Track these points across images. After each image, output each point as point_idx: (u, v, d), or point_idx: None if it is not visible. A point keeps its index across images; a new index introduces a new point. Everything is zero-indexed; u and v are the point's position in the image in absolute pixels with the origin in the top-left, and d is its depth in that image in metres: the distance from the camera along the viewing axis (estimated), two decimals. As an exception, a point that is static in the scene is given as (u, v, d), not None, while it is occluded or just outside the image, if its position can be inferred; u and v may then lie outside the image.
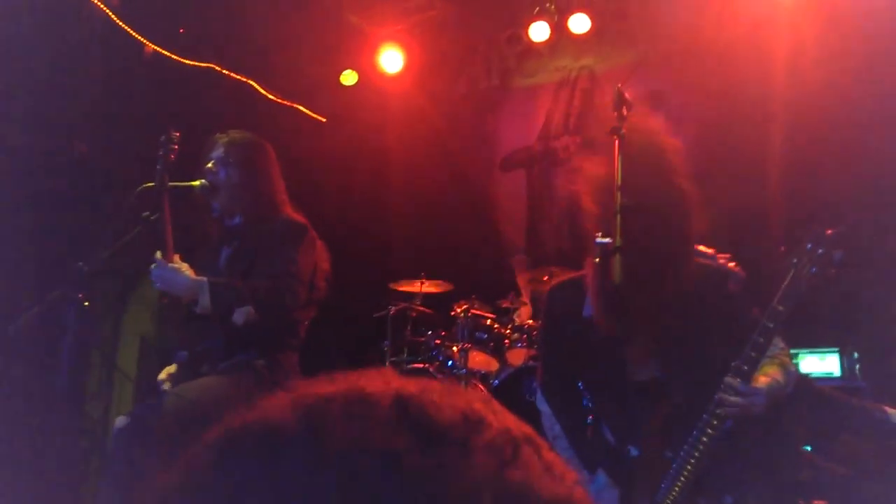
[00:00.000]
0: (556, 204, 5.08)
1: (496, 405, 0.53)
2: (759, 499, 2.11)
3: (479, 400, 0.52)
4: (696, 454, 1.95)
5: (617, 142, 2.31)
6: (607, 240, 2.19)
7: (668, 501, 1.97)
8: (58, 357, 3.48)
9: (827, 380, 3.31)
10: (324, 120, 5.47)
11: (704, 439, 1.93)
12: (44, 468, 3.44)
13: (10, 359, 3.53)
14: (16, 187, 3.82)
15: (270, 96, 5.26)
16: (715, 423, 1.93)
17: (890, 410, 2.43)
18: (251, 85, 5.20)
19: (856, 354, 3.23)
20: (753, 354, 1.90)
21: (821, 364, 3.40)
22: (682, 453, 1.97)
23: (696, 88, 4.67)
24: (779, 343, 2.06)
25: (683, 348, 2.05)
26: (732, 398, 1.89)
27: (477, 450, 0.48)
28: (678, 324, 2.05)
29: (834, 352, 3.29)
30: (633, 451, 2.10)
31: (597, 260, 2.18)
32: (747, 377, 1.91)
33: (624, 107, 2.38)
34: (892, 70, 3.83)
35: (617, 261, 2.11)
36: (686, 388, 2.04)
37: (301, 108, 5.47)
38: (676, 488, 1.97)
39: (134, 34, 4.47)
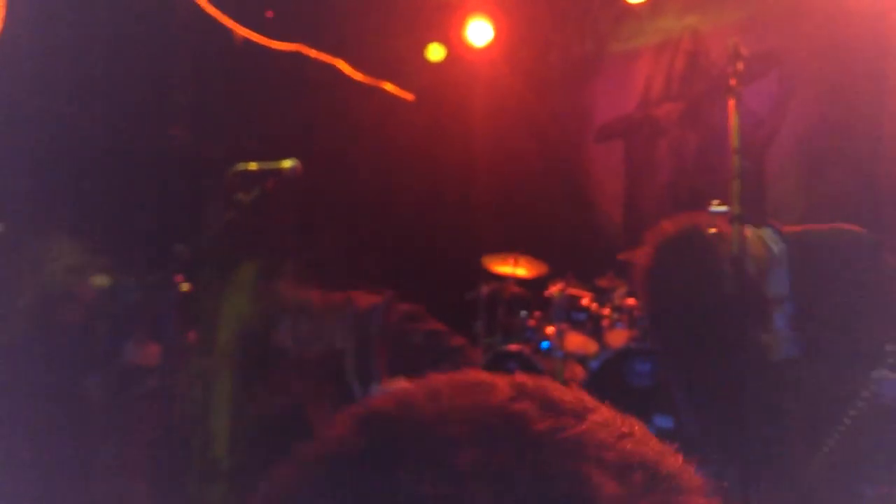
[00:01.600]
0: (658, 175, 4.82)
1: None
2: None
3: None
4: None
5: (732, 101, 2.17)
6: (724, 208, 2.07)
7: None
8: (158, 340, 3.57)
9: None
10: (411, 98, 5.38)
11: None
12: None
13: (117, 338, 3.64)
14: (114, 174, 3.92)
15: (358, 76, 5.21)
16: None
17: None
18: (338, 66, 5.16)
19: None
20: None
21: None
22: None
23: (808, 47, 4.31)
24: None
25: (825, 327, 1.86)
26: None
27: (592, 423, 0.49)
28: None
29: None
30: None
31: (712, 231, 2.03)
32: None
33: (739, 62, 2.22)
34: None
35: (736, 230, 1.95)
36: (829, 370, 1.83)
37: (388, 86, 5.39)
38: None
39: (222, 19, 4.50)
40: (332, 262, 4.62)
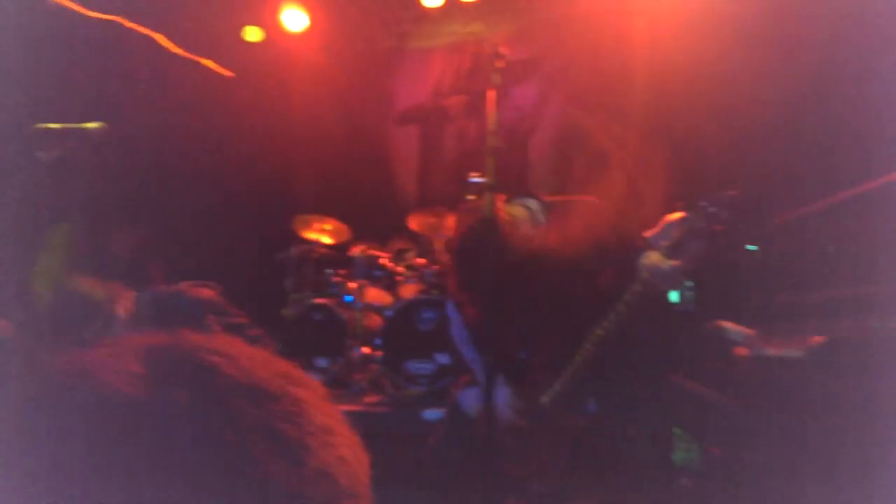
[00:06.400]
0: (446, 155, 5.07)
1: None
2: (620, 412, 2.21)
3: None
4: (576, 365, 2.05)
5: (491, 91, 2.34)
6: (481, 179, 2.21)
7: (549, 398, 2.12)
8: None
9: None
10: (231, 75, 5.17)
11: (584, 352, 2.07)
12: None
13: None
14: None
15: (177, 50, 4.91)
16: (597, 338, 2.03)
17: (725, 325, 2.54)
18: (157, 39, 4.83)
19: (690, 283, 3.40)
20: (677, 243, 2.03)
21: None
22: (566, 363, 2.06)
23: (569, 57, 4.71)
24: None
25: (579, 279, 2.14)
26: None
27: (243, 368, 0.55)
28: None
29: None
30: (524, 355, 2.19)
31: (470, 197, 2.20)
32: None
33: (499, 60, 2.39)
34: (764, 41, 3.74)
35: (488, 197, 2.14)
36: (576, 313, 2.14)
37: (207, 62, 5.14)
38: (559, 388, 2.11)
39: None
40: (142, 231, 4.36)
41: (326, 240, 4.57)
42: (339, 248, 4.52)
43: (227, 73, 5.18)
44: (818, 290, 2.57)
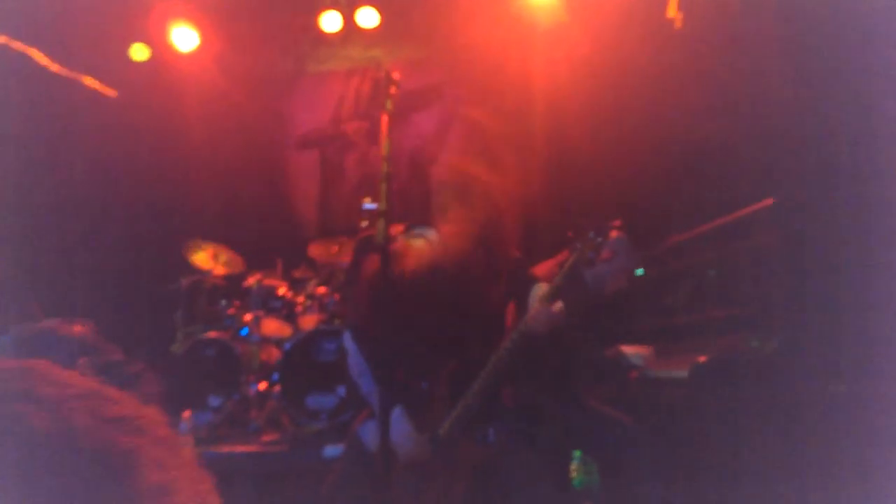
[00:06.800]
0: (347, 181, 4.98)
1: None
2: (518, 440, 2.18)
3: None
4: (473, 394, 2.04)
5: (385, 116, 2.30)
6: (374, 205, 2.18)
7: (447, 429, 2.06)
8: None
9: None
10: (115, 94, 4.87)
11: (481, 381, 2.04)
12: None
13: None
14: None
15: (54, 67, 4.57)
16: (494, 367, 2.01)
17: (625, 349, 2.58)
18: (32, 55, 4.48)
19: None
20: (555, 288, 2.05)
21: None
22: (463, 392, 2.05)
23: (470, 85, 4.75)
24: None
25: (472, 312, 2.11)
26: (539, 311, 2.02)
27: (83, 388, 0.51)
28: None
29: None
30: (423, 385, 2.15)
31: (364, 223, 2.16)
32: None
33: (392, 86, 2.37)
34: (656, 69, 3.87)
35: (381, 224, 2.09)
36: (475, 342, 2.13)
37: (88, 80, 4.82)
38: (455, 418, 2.06)
39: None
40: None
41: (220, 269, 4.34)
42: (234, 279, 4.30)
43: (110, 92, 4.88)
44: (702, 311, 2.67)
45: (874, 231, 2.06)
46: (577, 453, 2.86)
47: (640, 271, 3.17)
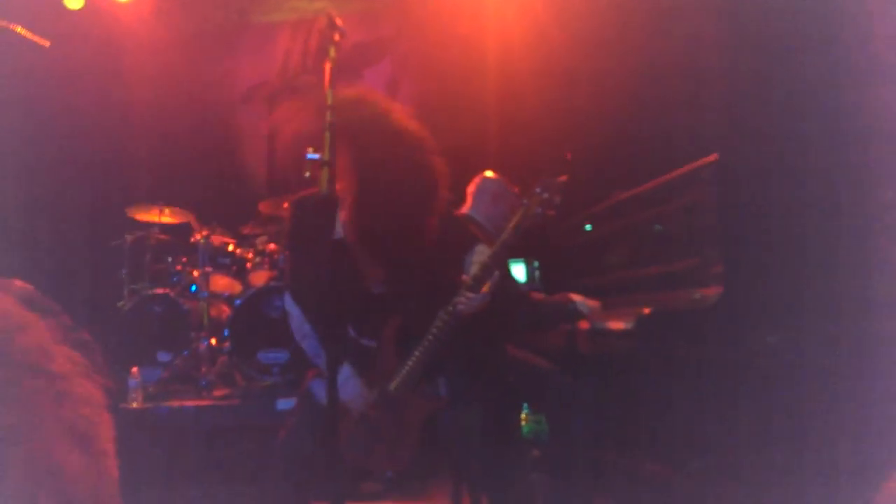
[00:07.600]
0: (297, 137, 4.83)
1: None
2: (469, 387, 2.20)
3: None
4: (422, 348, 2.04)
5: (328, 64, 2.19)
6: (317, 155, 2.10)
7: (397, 385, 2.06)
8: None
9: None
10: (47, 44, 4.57)
11: (430, 337, 2.03)
12: None
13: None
14: None
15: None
16: (441, 323, 2.02)
17: (574, 297, 2.60)
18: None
19: (536, 264, 3.51)
20: (481, 273, 2.02)
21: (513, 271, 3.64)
22: (412, 348, 2.05)
23: (420, 37, 4.64)
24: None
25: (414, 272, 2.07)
26: (467, 298, 2.01)
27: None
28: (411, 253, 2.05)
29: (520, 262, 3.54)
30: (369, 343, 2.14)
31: (307, 175, 2.09)
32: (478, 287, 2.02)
33: (335, 33, 2.25)
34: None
35: (325, 173, 2.01)
36: (417, 299, 2.10)
37: (20, 29, 4.50)
38: (405, 374, 2.06)
39: None
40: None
41: (167, 220, 4.18)
42: (182, 235, 4.18)
43: (43, 42, 4.57)
44: (644, 266, 2.72)
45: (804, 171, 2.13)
46: (525, 405, 2.92)
47: (588, 227, 3.20)
